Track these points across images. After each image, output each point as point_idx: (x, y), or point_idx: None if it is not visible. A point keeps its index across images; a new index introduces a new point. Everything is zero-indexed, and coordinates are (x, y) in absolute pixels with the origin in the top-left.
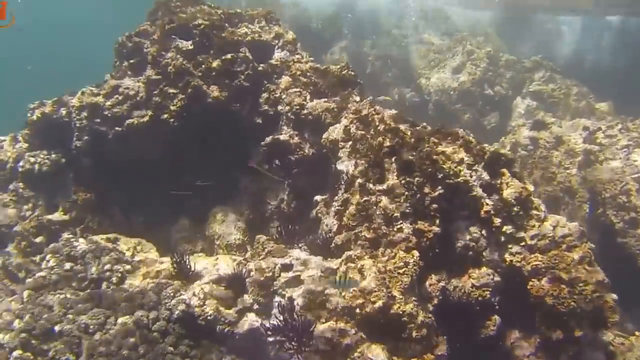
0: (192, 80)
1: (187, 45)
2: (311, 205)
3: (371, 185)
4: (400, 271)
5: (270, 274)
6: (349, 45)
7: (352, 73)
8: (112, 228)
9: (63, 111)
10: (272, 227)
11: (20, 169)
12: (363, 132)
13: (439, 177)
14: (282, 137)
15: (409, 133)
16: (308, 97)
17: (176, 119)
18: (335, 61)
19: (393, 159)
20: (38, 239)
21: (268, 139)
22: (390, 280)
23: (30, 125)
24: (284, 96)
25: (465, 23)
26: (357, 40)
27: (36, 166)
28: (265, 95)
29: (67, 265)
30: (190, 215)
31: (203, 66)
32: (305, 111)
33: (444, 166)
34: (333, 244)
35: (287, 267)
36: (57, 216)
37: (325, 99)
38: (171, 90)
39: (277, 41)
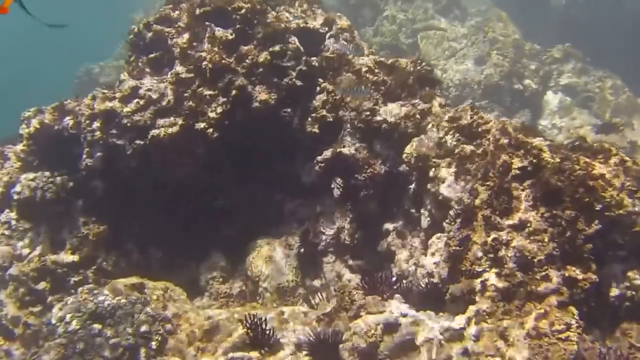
0: (235, 79)
1: (227, 34)
2: (376, 235)
3: (498, 219)
4: (561, 336)
5: (373, 338)
6: None
7: (429, 68)
8: (129, 268)
9: (69, 121)
10: (327, 264)
11: (15, 196)
12: (472, 148)
13: (597, 208)
14: (345, 151)
15: (546, 150)
16: (380, 100)
17: (216, 129)
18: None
19: (525, 184)
20: (40, 285)
21: (327, 153)
22: (550, 350)
23: (26, 139)
24: (348, 99)
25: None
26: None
27: (38, 192)
28: (321, 97)
29: (96, 328)
30: (224, 249)
31: (247, 61)
32: (378, 118)
33: (604, 194)
34: (448, 295)
35: (392, 328)
36: (65, 256)
37: (401, 102)
38: (207, 92)
39: (326, 28)
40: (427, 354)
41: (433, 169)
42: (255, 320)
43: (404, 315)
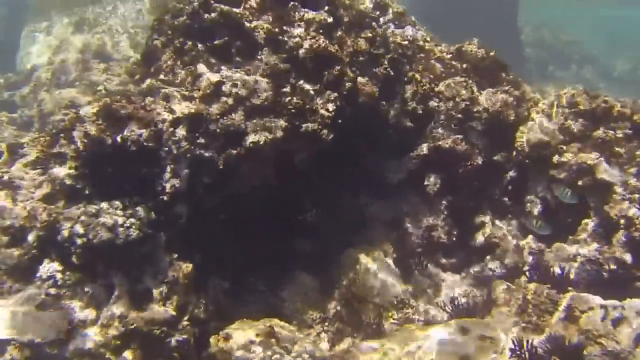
0: (345, 70)
1: (324, 16)
2: (469, 229)
3: None
4: None
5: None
6: None
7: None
8: (215, 309)
9: (139, 131)
10: (422, 265)
11: (78, 240)
12: (616, 133)
13: None
14: (444, 144)
15: None
16: (475, 88)
17: (329, 129)
18: None
19: None
20: (128, 356)
21: (424, 148)
22: None
23: (73, 160)
24: (442, 88)
25: None
26: None
27: (119, 232)
28: (410, 87)
29: None
30: (307, 267)
31: (350, 48)
32: (478, 107)
33: None
34: None
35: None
36: (159, 310)
37: (492, 90)
38: (309, 87)
39: (378, 12)
40: None
41: (557, 156)
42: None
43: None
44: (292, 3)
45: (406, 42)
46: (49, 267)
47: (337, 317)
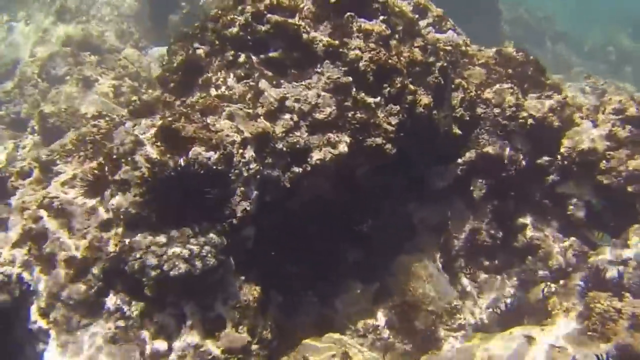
0: (406, 82)
1: (382, 27)
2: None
3: None
4: None
5: None
6: None
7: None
8: (275, 326)
9: (207, 154)
10: (462, 269)
11: (151, 272)
12: None
13: None
14: (491, 150)
15: None
16: (520, 94)
17: (392, 143)
18: None
19: None
20: None
21: (472, 154)
22: None
23: (137, 187)
24: (490, 95)
25: None
26: None
27: (196, 262)
28: (458, 94)
29: None
30: (359, 276)
31: (407, 59)
32: (524, 113)
33: None
34: None
35: None
36: (235, 336)
37: (535, 95)
38: (370, 100)
39: (417, 16)
40: None
41: (604, 162)
42: None
43: None
44: (349, 13)
45: (449, 48)
46: (116, 300)
47: (389, 326)
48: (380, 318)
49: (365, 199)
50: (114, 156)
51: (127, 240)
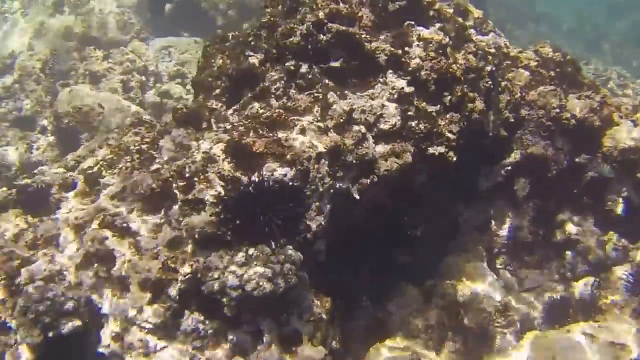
0: (465, 90)
1: (440, 37)
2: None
3: None
4: None
5: None
6: None
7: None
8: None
9: (282, 170)
10: (506, 266)
11: (232, 293)
12: None
13: None
14: (535, 151)
15: None
16: (562, 95)
17: (454, 151)
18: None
19: None
20: None
21: (517, 155)
22: None
23: (212, 206)
24: (535, 97)
25: None
26: None
27: (279, 281)
28: (504, 97)
29: None
30: (409, 278)
31: (463, 65)
32: (567, 114)
33: None
34: None
35: None
36: (309, 353)
37: (576, 95)
38: (431, 109)
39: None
40: None
41: None
42: None
43: None
44: (408, 22)
45: (493, 50)
46: (191, 320)
47: (440, 325)
48: (432, 318)
49: (419, 203)
50: (187, 174)
51: (200, 260)
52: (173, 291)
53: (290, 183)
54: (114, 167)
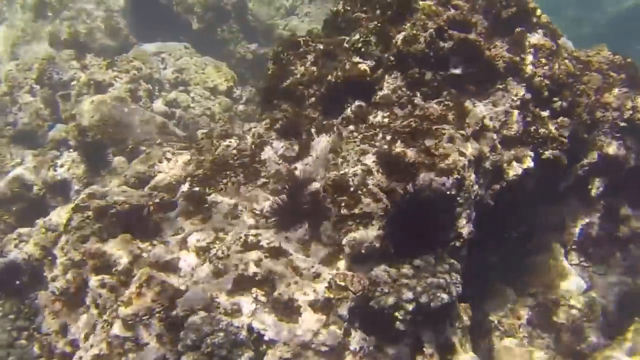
0: (575, 96)
1: (550, 43)
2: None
3: None
4: None
5: None
6: None
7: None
8: None
9: (440, 180)
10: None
11: (409, 307)
12: None
13: None
14: (610, 151)
15: None
16: (634, 96)
17: (565, 155)
18: None
19: None
20: None
21: (594, 155)
22: None
23: (382, 219)
24: (610, 99)
25: None
26: None
27: (453, 290)
28: (582, 100)
29: None
30: (499, 277)
31: (564, 71)
32: (639, 115)
33: None
34: None
35: None
36: (464, 358)
37: None
38: (544, 114)
39: None
40: None
41: None
42: None
43: None
44: (520, 29)
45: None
46: (358, 338)
47: (532, 323)
48: (524, 316)
49: (520, 206)
50: (351, 188)
51: (362, 276)
52: (343, 310)
53: (448, 192)
54: (210, 182)
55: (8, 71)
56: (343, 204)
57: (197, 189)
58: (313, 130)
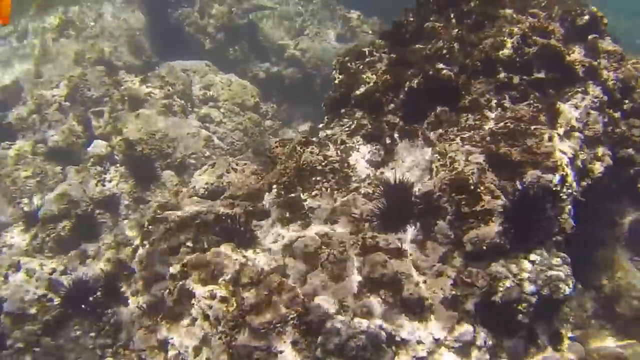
0: None
1: (615, 47)
2: None
3: None
4: None
5: None
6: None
7: None
8: None
9: (549, 176)
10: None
11: (532, 299)
12: None
13: None
14: None
15: None
16: None
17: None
18: None
19: None
20: None
21: None
22: None
23: (502, 215)
24: None
25: None
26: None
27: (570, 282)
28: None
29: None
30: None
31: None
32: None
33: None
34: None
35: None
36: (574, 346)
37: None
38: (617, 115)
39: None
40: None
41: None
42: None
43: None
44: (594, 35)
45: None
46: (482, 333)
47: (595, 316)
48: (589, 309)
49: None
50: (471, 186)
51: (481, 272)
52: (470, 306)
53: (554, 188)
54: (299, 188)
55: (35, 89)
56: (463, 202)
57: (292, 195)
58: (396, 135)
